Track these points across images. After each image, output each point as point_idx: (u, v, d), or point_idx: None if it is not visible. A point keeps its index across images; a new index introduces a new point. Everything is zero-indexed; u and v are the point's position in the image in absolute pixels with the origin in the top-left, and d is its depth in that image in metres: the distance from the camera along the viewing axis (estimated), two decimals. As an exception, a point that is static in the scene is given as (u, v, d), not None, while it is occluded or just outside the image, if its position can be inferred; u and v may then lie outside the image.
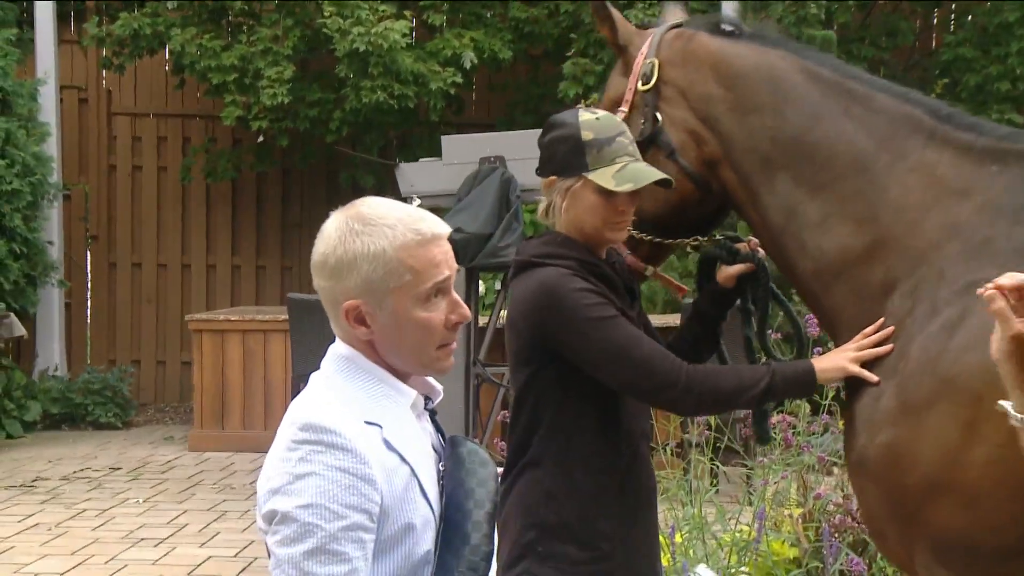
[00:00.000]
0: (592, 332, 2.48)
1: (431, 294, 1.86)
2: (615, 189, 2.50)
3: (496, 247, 5.97)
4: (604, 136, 2.54)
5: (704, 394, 2.46)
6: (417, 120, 10.07)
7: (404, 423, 1.88)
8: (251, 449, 8.47)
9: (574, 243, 2.57)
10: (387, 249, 1.84)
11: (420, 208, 1.91)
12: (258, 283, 10.95)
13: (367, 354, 1.89)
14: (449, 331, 1.88)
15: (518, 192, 6.09)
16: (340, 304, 1.86)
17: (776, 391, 2.49)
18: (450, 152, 6.30)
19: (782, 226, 2.56)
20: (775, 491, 4.31)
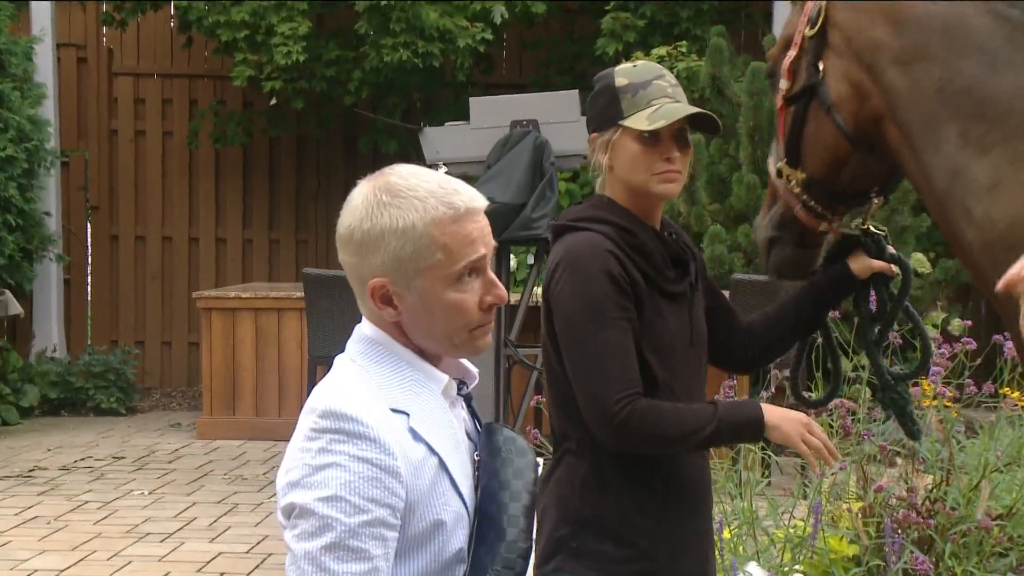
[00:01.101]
0: (578, 323, 2.49)
1: (464, 274, 1.86)
2: (646, 128, 2.50)
3: (529, 218, 5.97)
4: (640, 80, 2.56)
5: (636, 438, 2.46)
6: (443, 81, 10.06)
7: (434, 410, 1.88)
8: (264, 437, 8.53)
9: (617, 207, 2.58)
10: (417, 224, 1.83)
11: (451, 177, 1.91)
12: (271, 258, 11.00)
13: (395, 336, 1.89)
14: (484, 313, 1.88)
15: (552, 159, 6.08)
16: (366, 282, 1.87)
17: (721, 438, 2.51)
18: (479, 115, 6.30)
19: (946, 190, 2.43)
20: (832, 483, 4.31)
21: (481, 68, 10.13)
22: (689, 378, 2.59)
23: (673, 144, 2.54)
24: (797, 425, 2.51)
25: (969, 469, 4.31)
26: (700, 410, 2.51)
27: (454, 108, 9.81)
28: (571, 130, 6.17)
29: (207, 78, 10.94)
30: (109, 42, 10.97)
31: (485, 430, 1.97)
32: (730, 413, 2.50)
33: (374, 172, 1.91)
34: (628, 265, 2.52)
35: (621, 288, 2.50)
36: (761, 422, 2.50)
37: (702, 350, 2.64)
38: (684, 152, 2.56)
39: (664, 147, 2.54)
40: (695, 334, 2.61)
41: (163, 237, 10.97)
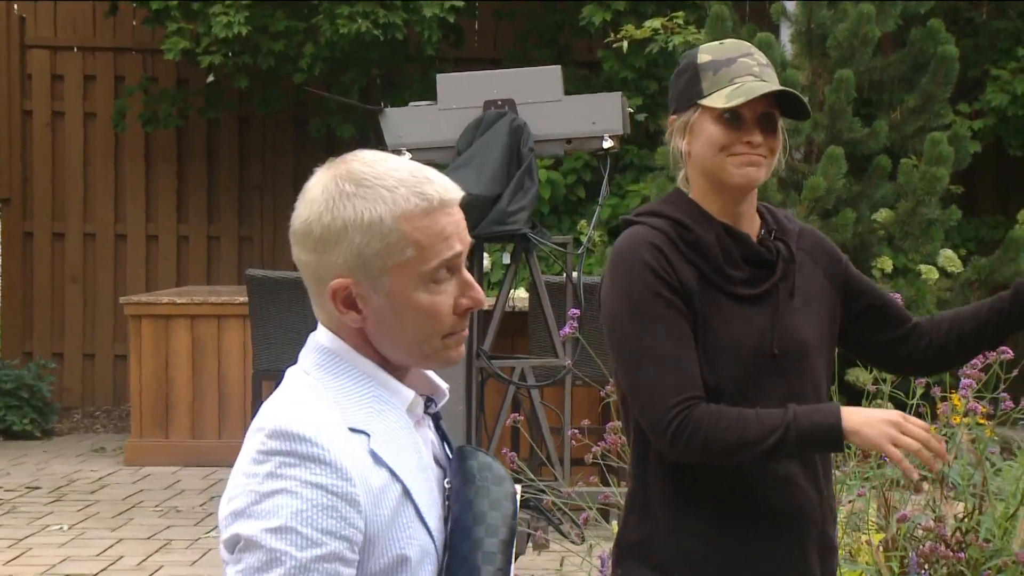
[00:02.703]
0: (622, 322, 2.56)
1: (438, 273, 1.86)
2: (723, 106, 2.56)
3: (504, 212, 5.98)
4: (724, 56, 2.62)
5: (695, 447, 2.51)
6: (407, 55, 10.06)
7: (398, 431, 1.88)
8: (201, 463, 8.51)
9: (683, 201, 2.65)
10: (385, 217, 1.84)
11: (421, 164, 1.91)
12: (210, 257, 10.98)
13: (356, 344, 1.89)
14: (459, 318, 1.89)
15: (531, 144, 6.09)
16: (326, 283, 1.87)
17: (789, 448, 2.52)
18: (447, 94, 6.30)
19: None
20: (850, 512, 4.33)
21: (450, 40, 10.14)
22: (765, 389, 2.60)
23: (756, 127, 2.59)
24: (884, 427, 2.50)
25: (1005, 495, 4.34)
26: (767, 416, 2.52)
27: (419, 86, 9.80)
28: (552, 111, 6.19)
29: (135, 52, 10.92)
30: (21, 10, 10.93)
31: (457, 454, 1.97)
32: (802, 419, 2.51)
33: (328, 159, 1.91)
34: (676, 260, 2.57)
35: (666, 282, 2.56)
36: (838, 428, 2.50)
37: (799, 361, 2.64)
38: (769, 137, 2.60)
39: (746, 129, 2.59)
40: (783, 342, 2.61)
41: (84, 234, 10.93)
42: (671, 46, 9.00)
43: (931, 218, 7.85)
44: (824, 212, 7.73)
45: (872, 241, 7.94)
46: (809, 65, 8.12)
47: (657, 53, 9.30)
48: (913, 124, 8.14)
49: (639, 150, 9.87)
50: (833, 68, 7.94)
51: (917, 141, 8.08)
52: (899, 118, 8.15)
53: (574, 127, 6.18)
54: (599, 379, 5.25)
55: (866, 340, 2.79)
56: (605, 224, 9.47)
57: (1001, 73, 9.43)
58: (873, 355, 2.84)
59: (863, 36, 7.89)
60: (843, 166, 7.61)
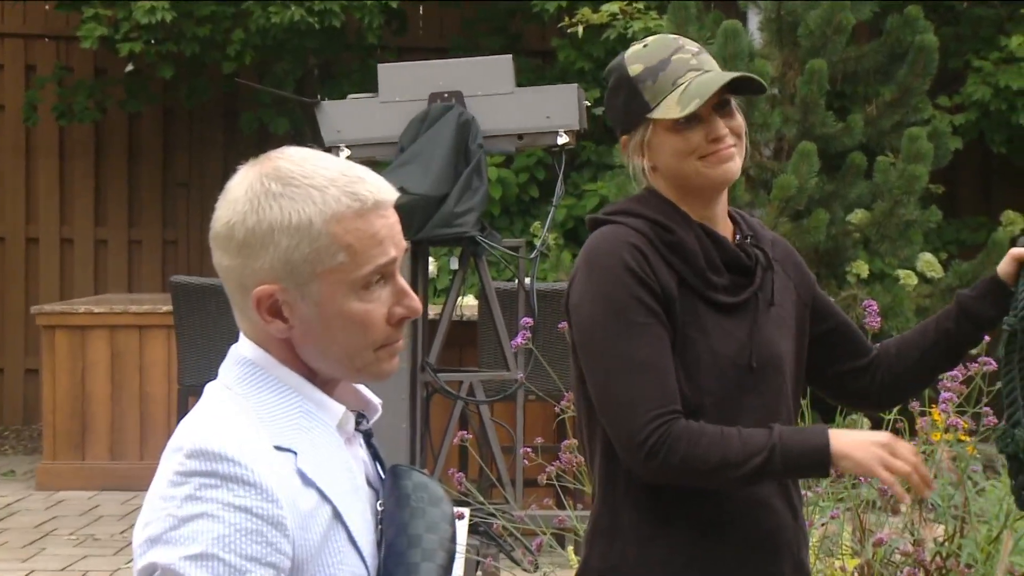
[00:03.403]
0: (596, 330, 2.56)
1: (371, 280, 1.87)
2: (680, 115, 2.57)
3: (451, 213, 5.98)
4: (656, 61, 2.63)
5: (671, 466, 2.51)
6: (346, 44, 10.05)
7: (327, 449, 1.88)
8: (121, 487, 8.46)
9: (658, 200, 2.66)
10: (314, 219, 1.84)
11: (353, 163, 1.92)
12: (131, 262, 10.92)
13: (281, 356, 1.90)
14: (393, 328, 1.90)
15: (480, 139, 6.10)
16: (249, 290, 1.87)
17: (773, 471, 2.54)
18: (390, 86, 6.30)
19: None
20: (823, 536, 4.36)
21: (393, 28, 10.14)
22: (745, 407, 2.62)
23: (717, 118, 2.61)
24: (874, 449, 2.52)
25: (988, 517, 4.37)
26: (751, 436, 2.54)
27: (359, 77, 9.80)
28: (503, 104, 6.19)
29: (48, 39, 10.85)
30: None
31: (390, 474, 1.98)
32: (788, 441, 2.53)
33: (259, 156, 1.92)
34: (657, 264, 2.59)
35: (647, 286, 2.57)
36: (826, 451, 2.51)
37: (774, 377, 2.66)
38: (732, 123, 2.63)
39: (708, 126, 2.61)
40: (760, 356, 2.63)
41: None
42: (631, 32, 9.03)
43: (909, 219, 7.90)
44: (795, 213, 7.77)
45: (847, 244, 7.98)
46: (779, 55, 8.16)
47: (616, 40, 9.33)
48: (890, 119, 8.19)
49: (597, 146, 9.90)
50: (805, 58, 7.98)
51: (894, 137, 8.13)
52: (875, 112, 8.20)
53: (526, 121, 6.18)
54: (554, 393, 5.26)
55: (823, 367, 2.81)
56: (560, 226, 9.49)
57: (983, 64, 9.51)
58: (828, 384, 2.85)
59: (837, 24, 7.93)
60: (815, 163, 7.64)
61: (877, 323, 3.89)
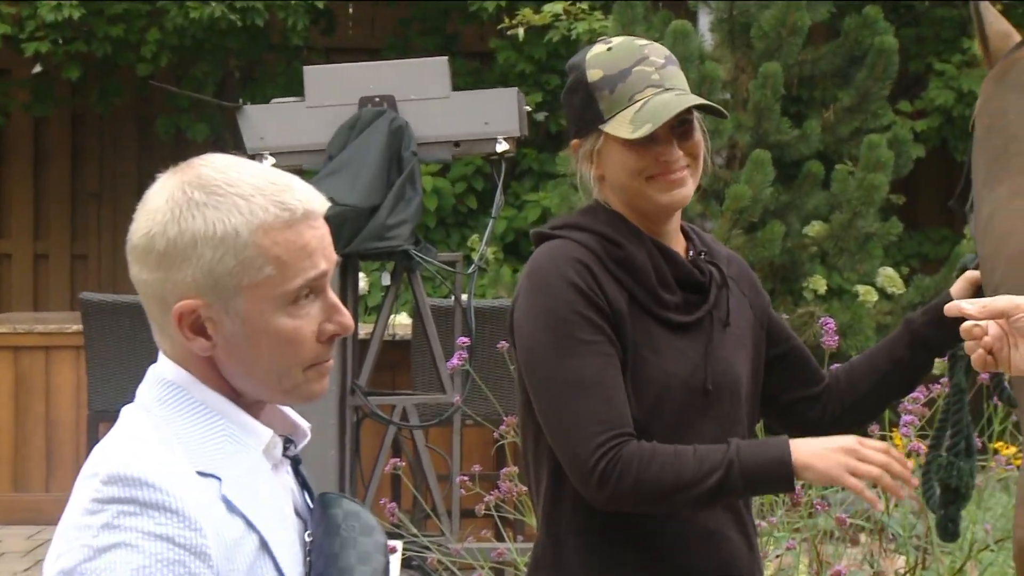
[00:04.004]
0: (541, 349, 2.58)
1: (300, 295, 1.88)
2: (630, 137, 2.60)
3: (383, 225, 5.98)
4: (617, 70, 2.65)
5: (624, 490, 2.53)
6: (270, 44, 10.03)
7: (254, 475, 1.89)
8: (25, 520, 8.39)
9: (606, 214, 2.68)
10: (240, 230, 1.85)
11: (281, 171, 1.92)
12: (37, 278, 10.84)
13: (204, 377, 1.90)
14: (323, 346, 1.91)
15: (414, 147, 6.11)
16: (170, 306, 1.87)
17: (732, 489, 2.55)
18: (317, 90, 6.30)
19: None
20: (779, 568, 4.39)
21: (320, 27, 10.13)
22: (698, 432, 2.64)
23: (672, 141, 2.63)
24: (838, 456, 2.53)
25: (951, 547, 4.42)
26: (707, 453, 2.55)
27: (284, 80, 9.78)
28: (439, 109, 6.21)
29: (-51, 38, 10.76)
30: None
31: (319, 502, 1.98)
32: (746, 455, 2.54)
33: (179, 163, 1.92)
34: (605, 280, 2.61)
35: (593, 303, 2.59)
36: (788, 463, 2.53)
37: (730, 400, 2.69)
38: (689, 144, 2.66)
39: (662, 147, 2.63)
40: (716, 378, 2.65)
41: None
42: (574, 34, 9.07)
43: (869, 232, 7.94)
44: (749, 225, 7.79)
45: (803, 258, 8.00)
46: (731, 57, 8.19)
47: (559, 42, 9.37)
48: (848, 125, 8.23)
49: (538, 154, 9.93)
50: (758, 61, 8.00)
51: (853, 144, 8.17)
52: (833, 118, 8.24)
53: (463, 128, 6.20)
54: (492, 418, 5.27)
55: (776, 394, 2.84)
56: (499, 239, 9.51)
57: (946, 67, 9.60)
58: (779, 412, 2.88)
59: (792, 25, 7.96)
60: (770, 173, 7.66)
61: (835, 342, 3.94)
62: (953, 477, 2.96)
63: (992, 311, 2.34)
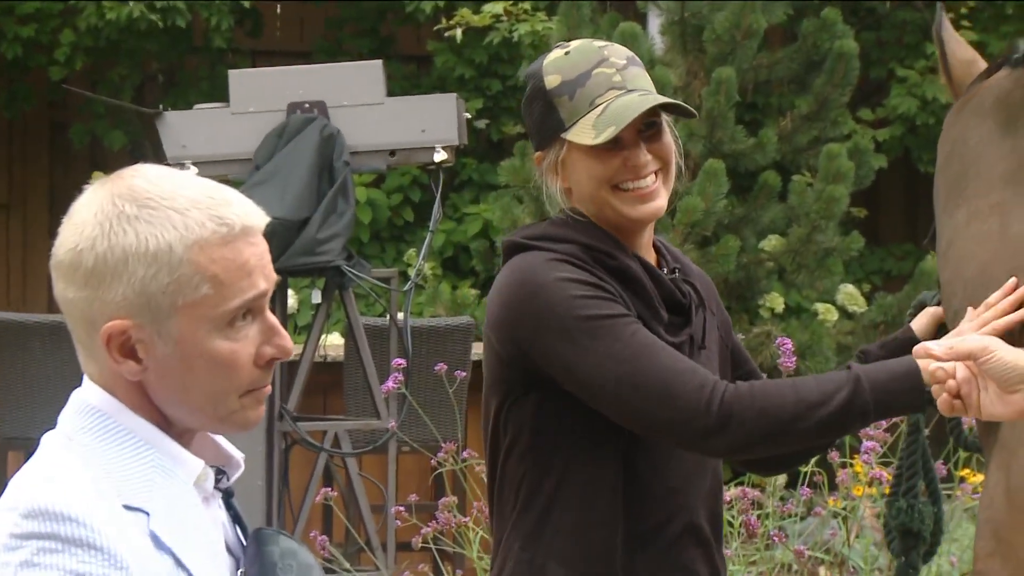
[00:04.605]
0: (582, 338, 2.56)
1: (238, 316, 1.88)
2: (593, 143, 2.60)
3: (313, 240, 5.98)
4: (576, 74, 2.66)
5: (749, 422, 2.52)
6: (192, 46, 10.00)
7: (184, 509, 1.89)
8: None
9: (585, 225, 2.67)
10: (175, 246, 1.85)
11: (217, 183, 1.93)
12: (-60, 296, 10.75)
13: (133, 403, 1.89)
14: (261, 371, 1.90)
15: (347, 156, 6.11)
16: (98, 326, 1.86)
17: (862, 406, 2.54)
18: (243, 95, 6.29)
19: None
20: (734, 604, 4.42)
21: (246, 28, 10.11)
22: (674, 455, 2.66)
23: (639, 144, 2.64)
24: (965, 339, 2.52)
25: (915, 580, 4.46)
26: (825, 376, 2.57)
27: (208, 85, 9.75)
28: (373, 116, 6.22)
29: None
30: None
31: (253, 538, 1.98)
32: (871, 370, 2.55)
33: (96, 174, 1.92)
34: (609, 287, 2.61)
35: (603, 288, 2.59)
36: (917, 370, 2.52)
37: None
38: (658, 147, 2.66)
39: (628, 151, 2.63)
40: None
41: None
42: (516, 36, 9.09)
43: (829, 247, 7.97)
44: (702, 239, 7.81)
45: (759, 275, 8.03)
46: (683, 62, 8.22)
47: (500, 45, 9.39)
48: (806, 134, 8.26)
49: (479, 164, 9.94)
50: (711, 66, 8.03)
51: (811, 154, 8.21)
52: (790, 126, 8.27)
53: (399, 136, 6.21)
54: (430, 445, 5.28)
55: None
56: (438, 254, 9.52)
57: (908, 73, 9.67)
58: None
59: (746, 28, 7.99)
60: (724, 184, 7.67)
61: (792, 363, 3.96)
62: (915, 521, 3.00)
63: (960, 353, 2.37)
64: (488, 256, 9.00)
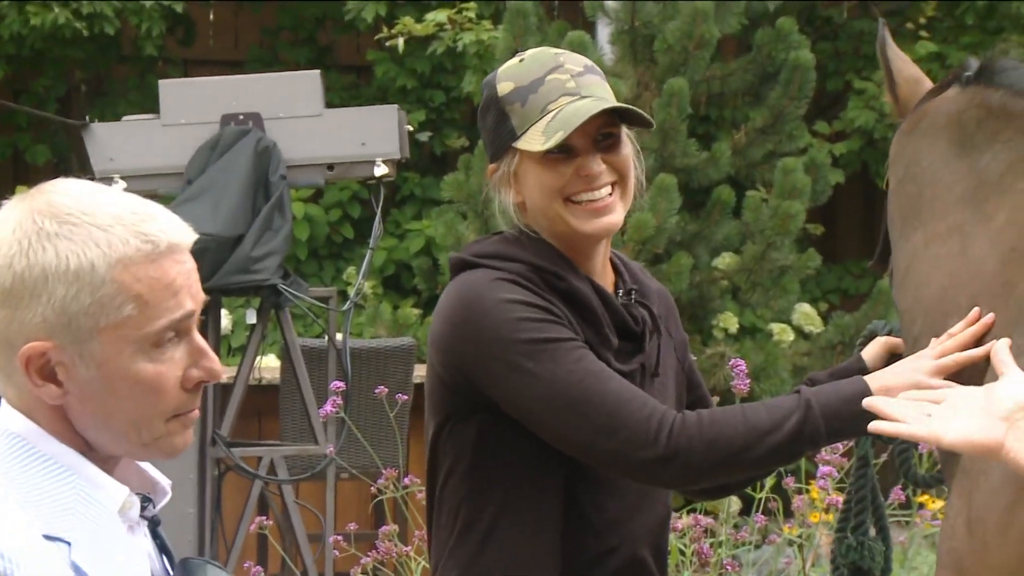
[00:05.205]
0: (526, 362, 2.56)
1: (164, 337, 1.87)
2: (540, 149, 2.59)
3: (248, 257, 5.97)
4: (529, 80, 2.66)
5: (698, 453, 2.53)
6: (120, 55, 9.97)
7: (107, 538, 1.88)
8: None
9: (536, 243, 2.67)
10: (97, 264, 1.84)
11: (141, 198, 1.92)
12: None
13: (53, 428, 1.88)
14: (188, 394, 1.90)
15: (283, 170, 6.10)
16: (16, 348, 1.85)
17: (813, 431, 2.56)
18: (174, 106, 6.28)
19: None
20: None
21: (177, 37, 10.09)
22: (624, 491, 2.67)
23: (593, 152, 2.63)
24: (914, 373, 2.58)
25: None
26: (775, 402, 2.59)
27: (137, 95, 9.72)
28: (310, 128, 6.21)
29: None
30: None
31: (181, 569, 1.98)
32: (822, 394, 2.57)
33: (17, 189, 1.91)
34: (554, 310, 2.60)
35: (550, 311, 2.59)
36: (869, 393, 2.54)
37: None
38: (614, 158, 2.65)
39: (581, 160, 2.63)
40: None
41: None
42: (461, 46, 9.10)
43: (784, 265, 8.00)
44: (653, 257, 7.82)
45: (712, 293, 8.04)
46: (633, 72, 8.24)
47: (443, 54, 9.40)
48: (761, 147, 8.29)
49: (422, 178, 9.94)
50: (663, 76, 8.05)
51: (766, 169, 8.24)
52: (744, 140, 8.30)
53: (338, 149, 6.21)
54: (370, 471, 5.27)
55: None
56: (378, 272, 9.50)
57: (867, 85, 9.72)
58: None
59: (699, 38, 8.01)
60: (676, 200, 7.68)
61: (746, 386, 3.97)
62: (865, 558, 3.02)
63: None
64: (431, 274, 9.00)
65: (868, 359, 2.86)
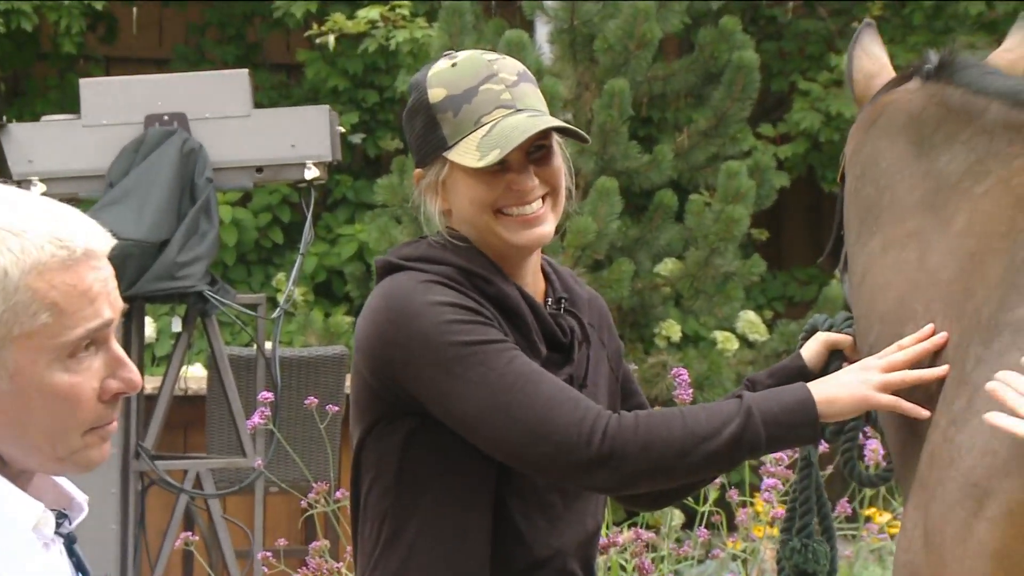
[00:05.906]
0: (455, 365, 2.57)
1: (80, 347, 1.87)
2: (476, 165, 2.60)
3: (173, 263, 5.94)
4: (462, 89, 2.66)
5: (632, 457, 2.54)
6: (39, 52, 9.92)
7: (21, 556, 1.87)
8: None
9: (468, 249, 2.68)
10: (10, 270, 1.84)
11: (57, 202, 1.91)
12: None
13: (-37, 441, 1.88)
14: (105, 406, 1.89)
15: (209, 173, 6.08)
16: None
17: (753, 439, 2.57)
18: (95, 106, 6.24)
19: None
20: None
21: (99, 33, 10.04)
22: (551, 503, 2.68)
23: (526, 166, 2.65)
24: (860, 386, 2.58)
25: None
26: (716, 406, 2.59)
27: (57, 95, 9.68)
28: (238, 130, 6.19)
29: None
30: None
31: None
32: (763, 401, 2.58)
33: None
34: (484, 312, 2.61)
35: (479, 313, 2.59)
36: (810, 402, 2.56)
37: None
38: (546, 171, 2.67)
39: (514, 175, 2.64)
40: None
41: None
42: (394, 44, 9.09)
43: (728, 271, 8.02)
44: (594, 263, 7.84)
45: (654, 301, 8.06)
46: (573, 73, 8.25)
47: (376, 53, 9.39)
48: (704, 150, 8.32)
49: (354, 181, 9.93)
50: (603, 77, 8.07)
51: (710, 172, 8.27)
52: (687, 143, 8.32)
53: (267, 151, 6.19)
54: (300, 485, 5.25)
55: None
56: (309, 279, 9.48)
57: (811, 87, 9.78)
58: None
59: (640, 37, 8.03)
60: (617, 204, 7.70)
61: (689, 395, 3.99)
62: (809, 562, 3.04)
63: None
64: (364, 281, 8.99)
65: (807, 357, 2.87)
